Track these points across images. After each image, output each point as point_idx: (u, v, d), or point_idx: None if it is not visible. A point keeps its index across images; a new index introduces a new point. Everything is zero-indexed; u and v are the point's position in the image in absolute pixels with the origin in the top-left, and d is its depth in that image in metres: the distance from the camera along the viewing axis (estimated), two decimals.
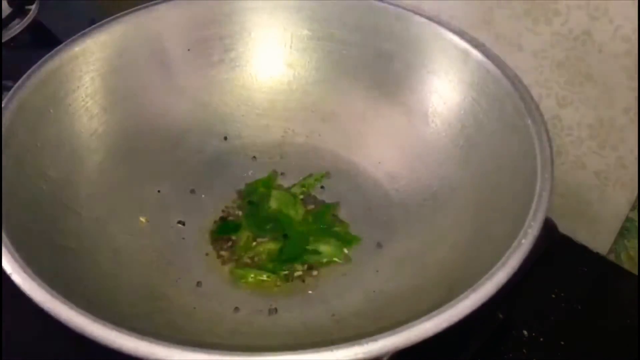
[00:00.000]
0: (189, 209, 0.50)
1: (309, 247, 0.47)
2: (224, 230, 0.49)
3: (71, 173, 0.46)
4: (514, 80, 0.46)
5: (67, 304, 0.32)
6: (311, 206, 0.51)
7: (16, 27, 0.69)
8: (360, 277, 0.46)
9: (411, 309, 0.36)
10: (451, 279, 0.41)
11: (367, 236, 0.48)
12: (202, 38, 0.54)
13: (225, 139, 0.54)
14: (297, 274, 0.46)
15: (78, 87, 0.48)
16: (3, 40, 0.67)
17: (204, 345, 0.31)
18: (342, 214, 0.50)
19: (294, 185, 0.52)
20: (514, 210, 0.39)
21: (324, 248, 0.47)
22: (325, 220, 0.49)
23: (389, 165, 0.52)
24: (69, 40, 0.48)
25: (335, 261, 0.47)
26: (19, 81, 0.45)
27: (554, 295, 0.52)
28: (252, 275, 0.46)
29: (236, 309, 0.43)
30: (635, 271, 0.55)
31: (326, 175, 0.52)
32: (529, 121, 0.43)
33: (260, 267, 0.46)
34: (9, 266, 0.34)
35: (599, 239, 0.56)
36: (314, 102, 0.55)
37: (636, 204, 0.53)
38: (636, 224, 0.54)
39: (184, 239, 0.48)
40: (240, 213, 0.50)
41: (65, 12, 0.73)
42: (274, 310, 0.43)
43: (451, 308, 0.32)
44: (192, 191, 0.51)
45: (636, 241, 0.54)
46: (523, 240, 0.36)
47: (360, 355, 0.30)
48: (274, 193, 0.51)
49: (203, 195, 0.51)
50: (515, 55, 0.53)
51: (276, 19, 0.54)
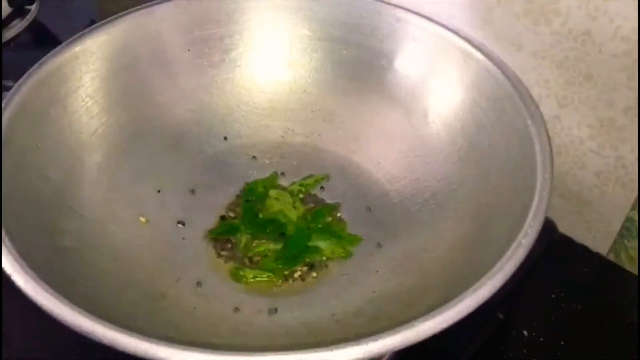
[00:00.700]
0: (189, 209, 0.50)
1: (310, 244, 0.47)
2: (223, 230, 0.49)
3: (71, 173, 0.46)
4: (514, 80, 0.46)
5: (67, 304, 0.32)
6: (311, 205, 0.51)
7: (16, 27, 0.69)
8: (360, 277, 0.46)
9: (411, 309, 0.36)
10: (451, 279, 0.41)
11: (367, 236, 0.48)
12: (202, 38, 0.54)
13: (225, 139, 0.54)
14: (297, 274, 0.46)
15: (78, 87, 0.48)
16: (3, 40, 0.67)
17: (204, 345, 0.31)
18: (342, 214, 0.50)
19: (294, 184, 0.52)
20: (514, 210, 0.39)
21: (324, 245, 0.47)
22: (324, 220, 0.49)
23: (389, 165, 0.52)
24: (69, 40, 0.48)
25: (335, 258, 0.47)
26: (19, 81, 0.45)
27: (554, 295, 0.52)
28: (252, 276, 0.46)
29: (236, 309, 0.43)
30: (635, 271, 0.55)
31: (326, 177, 0.52)
32: (529, 121, 0.43)
33: (260, 268, 0.46)
34: (9, 266, 0.34)
35: (599, 239, 0.56)
36: (314, 102, 0.55)
37: (636, 204, 0.53)
38: (636, 224, 0.54)
39: (184, 239, 0.48)
40: (240, 213, 0.50)
41: (65, 12, 0.73)
42: (274, 310, 0.43)
43: (451, 308, 0.32)
44: (192, 191, 0.51)
45: (636, 241, 0.54)
46: (523, 240, 0.36)
47: (360, 355, 0.31)
48: (272, 192, 0.51)
49: (203, 195, 0.51)
50: (515, 55, 0.53)
51: (276, 19, 0.54)
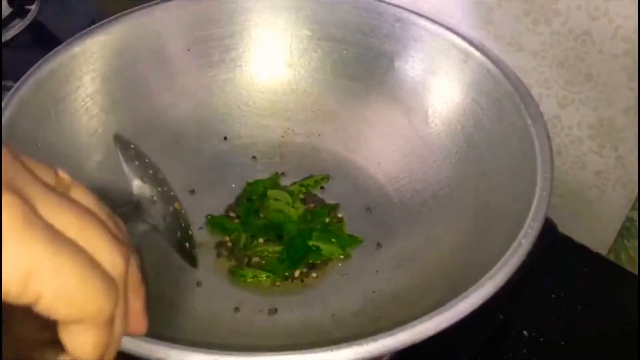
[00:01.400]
0: (189, 209, 0.50)
1: (311, 243, 0.47)
2: (221, 228, 0.49)
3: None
4: (514, 80, 0.46)
5: None
6: (311, 205, 0.51)
7: (16, 27, 0.69)
8: (360, 277, 0.46)
9: (411, 309, 0.36)
10: (451, 279, 0.41)
11: (367, 236, 0.48)
12: (202, 38, 0.54)
13: (225, 139, 0.54)
14: (297, 274, 0.46)
15: (78, 87, 0.48)
16: (3, 40, 0.67)
17: (204, 345, 0.31)
18: (342, 214, 0.50)
19: (294, 184, 0.52)
20: (514, 210, 0.39)
21: (323, 246, 0.47)
22: (323, 220, 0.49)
23: (389, 165, 0.52)
24: (69, 40, 0.48)
25: (335, 258, 0.47)
26: (19, 81, 0.45)
27: (554, 295, 0.52)
28: (251, 275, 0.46)
29: (236, 309, 0.43)
30: (635, 271, 0.55)
31: (326, 177, 0.52)
32: (529, 121, 0.43)
33: (261, 268, 0.46)
34: None
35: (599, 239, 0.56)
36: (314, 102, 0.55)
37: (636, 204, 0.53)
38: (636, 224, 0.54)
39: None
40: (240, 213, 0.50)
41: (65, 12, 0.73)
42: (274, 310, 0.43)
43: (451, 308, 0.32)
44: (192, 191, 0.51)
45: (636, 241, 0.54)
46: (523, 240, 0.36)
47: (360, 355, 0.31)
48: (272, 192, 0.50)
49: (203, 195, 0.51)
50: (515, 55, 0.53)
51: (276, 19, 0.54)
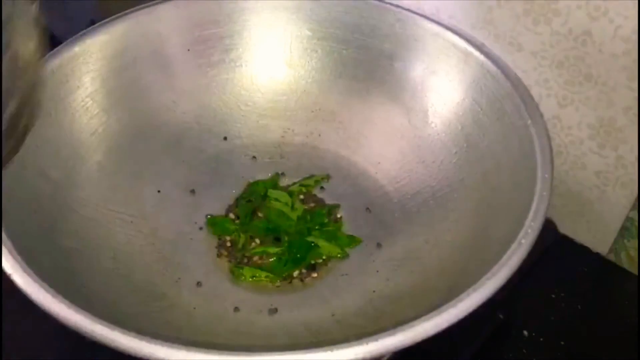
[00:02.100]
0: (189, 209, 0.50)
1: (310, 241, 0.47)
2: (221, 229, 0.49)
3: (71, 173, 0.46)
4: (514, 80, 0.46)
5: (67, 304, 0.32)
6: (311, 205, 0.51)
7: None
8: (360, 277, 0.46)
9: (411, 309, 0.36)
10: (451, 279, 0.41)
11: (367, 236, 0.48)
12: (202, 38, 0.54)
13: (225, 139, 0.54)
14: (297, 273, 0.46)
15: (78, 87, 0.48)
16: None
17: (204, 345, 0.31)
18: (342, 213, 0.50)
19: (294, 184, 0.52)
20: (514, 210, 0.39)
21: (323, 244, 0.47)
22: (322, 220, 0.49)
23: (389, 165, 0.52)
24: (69, 40, 0.48)
25: (335, 258, 0.47)
26: None
27: (554, 295, 0.52)
28: (250, 275, 0.46)
29: (236, 309, 0.43)
30: (635, 271, 0.55)
31: (327, 177, 0.52)
32: (529, 121, 0.43)
33: (259, 267, 0.46)
34: (10, 266, 0.34)
35: (599, 239, 0.56)
36: (314, 102, 0.55)
37: (636, 204, 0.53)
38: (636, 224, 0.54)
39: (184, 239, 0.48)
40: (239, 213, 0.50)
41: (65, 12, 0.73)
42: (274, 310, 0.43)
43: (451, 308, 0.32)
44: (192, 191, 0.51)
45: (636, 241, 0.54)
46: (523, 240, 0.36)
47: (360, 355, 0.31)
48: (272, 193, 0.51)
49: (203, 195, 0.51)
50: (515, 55, 0.53)
51: (276, 19, 0.54)
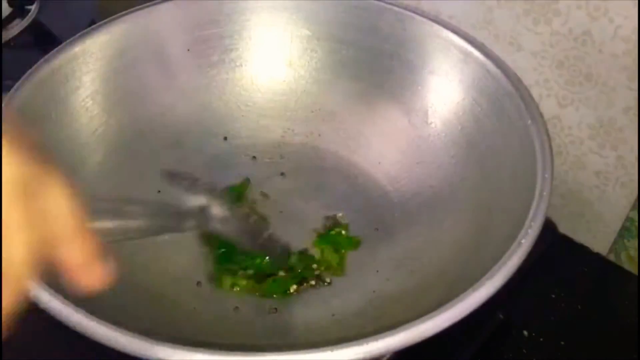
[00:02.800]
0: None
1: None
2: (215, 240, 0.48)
3: (71, 173, 0.46)
4: (514, 80, 0.46)
5: (67, 304, 0.32)
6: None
7: (16, 27, 0.69)
8: (360, 277, 0.46)
9: (411, 309, 0.36)
10: (451, 279, 0.41)
11: (367, 236, 0.48)
12: (202, 38, 0.54)
13: (225, 139, 0.54)
14: (293, 288, 0.45)
15: (78, 87, 0.48)
16: (3, 40, 0.67)
17: (204, 345, 0.31)
18: (342, 213, 0.50)
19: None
20: (514, 210, 0.39)
21: (328, 252, 0.47)
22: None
23: (389, 165, 0.52)
24: (69, 40, 0.48)
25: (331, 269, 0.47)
26: (19, 81, 0.45)
27: (554, 295, 0.52)
28: (230, 283, 0.45)
29: (236, 308, 0.43)
30: (635, 271, 0.55)
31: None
32: (529, 121, 0.43)
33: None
34: None
35: (599, 239, 0.56)
36: (314, 102, 0.55)
37: (636, 204, 0.53)
38: (636, 224, 0.54)
39: (184, 239, 0.48)
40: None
41: (65, 12, 0.73)
42: (274, 310, 0.43)
43: (451, 308, 0.32)
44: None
45: (636, 241, 0.54)
46: (523, 240, 0.36)
47: (360, 355, 0.31)
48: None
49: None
50: (515, 55, 0.53)
51: (276, 19, 0.54)
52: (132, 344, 0.30)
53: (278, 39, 0.55)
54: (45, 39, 0.69)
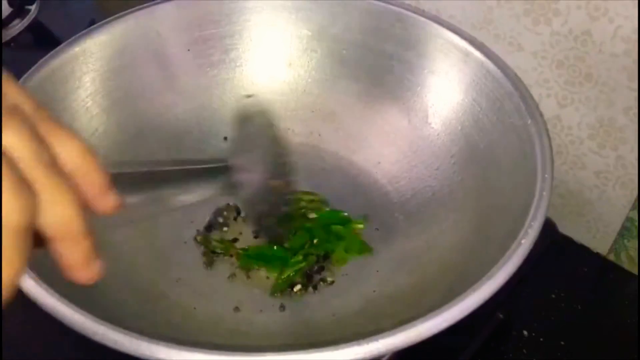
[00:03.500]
0: (189, 209, 0.50)
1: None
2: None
3: None
4: (514, 80, 0.46)
5: (67, 304, 0.32)
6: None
7: (16, 27, 0.69)
8: (360, 277, 0.46)
9: (411, 309, 0.36)
10: (451, 279, 0.41)
11: (367, 236, 0.48)
12: (202, 38, 0.54)
13: (225, 139, 0.54)
14: (297, 288, 0.46)
15: (78, 87, 0.48)
16: (3, 40, 0.67)
17: (204, 345, 0.31)
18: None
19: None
20: (514, 210, 0.39)
21: (339, 251, 0.47)
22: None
23: (389, 165, 0.52)
24: (69, 40, 0.48)
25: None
26: (19, 81, 0.44)
27: (554, 295, 0.52)
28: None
29: (236, 308, 0.43)
30: (635, 271, 0.55)
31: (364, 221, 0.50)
32: (529, 121, 0.43)
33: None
34: None
35: (599, 239, 0.56)
36: (314, 102, 0.55)
37: (636, 204, 0.53)
38: (636, 224, 0.54)
39: (183, 239, 0.48)
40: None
41: (65, 12, 0.73)
42: (274, 310, 0.43)
43: (451, 308, 0.32)
44: None
45: (636, 241, 0.54)
46: (523, 240, 0.36)
47: (361, 355, 0.31)
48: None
49: None
50: (515, 55, 0.53)
51: (276, 19, 0.54)
52: (132, 344, 0.30)
53: (278, 39, 0.55)
54: (45, 39, 0.69)
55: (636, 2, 0.46)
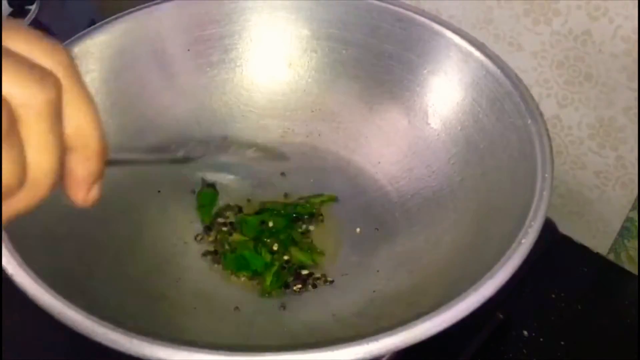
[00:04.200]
0: (189, 209, 0.50)
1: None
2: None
3: None
4: (514, 80, 0.46)
5: (68, 304, 0.32)
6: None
7: None
8: (361, 277, 0.46)
9: (411, 309, 0.36)
10: (451, 279, 0.41)
11: (367, 236, 0.48)
12: (202, 38, 0.54)
13: (225, 139, 0.54)
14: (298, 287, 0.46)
15: None
16: None
17: (204, 345, 0.31)
18: (342, 213, 0.50)
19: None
20: (514, 210, 0.39)
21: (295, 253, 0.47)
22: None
23: (389, 165, 0.52)
24: (69, 40, 0.48)
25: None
26: None
27: (554, 295, 0.52)
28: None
29: (236, 308, 0.43)
30: (635, 271, 0.55)
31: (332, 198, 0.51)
32: (529, 121, 0.43)
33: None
34: (10, 266, 0.34)
35: (599, 239, 0.56)
36: (314, 102, 0.55)
37: (636, 204, 0.53)
38: (636, 224, 0.54)
39: (184, 239, 0.48)
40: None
41: (65, 12, 0.73)
42: (274, 310, 0.43)
43: (451, 308, 0.32)
44: (192, 191, 0.51)
45: (636, 241, 0.54)
46: (523, 240, 0.36)
47: (361, 355, 0.31)
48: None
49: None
50: (515, 55, 0.53)
51: (276, 19, 0.54)
52: (132, 344, 0.30)
53: (278, 39, 0.55)
54: None
55: (636, 2, 0.46)
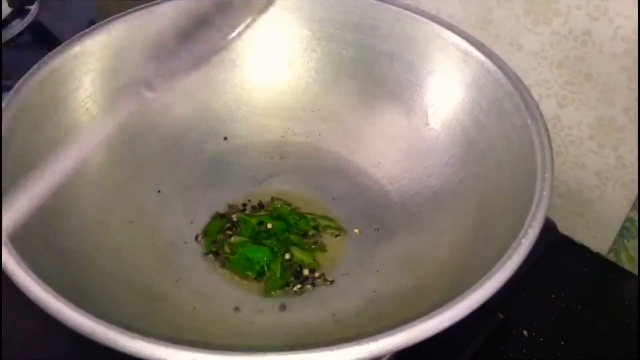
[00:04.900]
0: (189, 209, 0.50)
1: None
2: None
3: (71, 173, 0.46)
4: (514, 80, 0.46)
5: (67, 304, 0.32)
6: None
7: (16, 27, 0.69)
8: (360, 277, 0.46)
9: (411, 309, 0.36)
10: (451, 279, 0.41)
11: (368, 236, 0.48)
12: None
13: (225, 139, 0.54)
14: (298, 287, 0.46)
15: (78, 88, 0.48)
16: (3, 40, 0.67)
17: (204, 345, 0.31)
18: (342, 213, 0.50)
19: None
20: (514, 210, 0.39)
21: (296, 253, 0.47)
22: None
23: (389, 165, 0.52)
24: (69, 40, 0.48)
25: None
26: (19, 81, 0.45)
27: (554, 295, 0.52)
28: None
29: (236, 308, 0.43)
30: (635, 271, 0.55)
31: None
32: (529, 121, 0.43)
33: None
34: (10, 266, 0.34)
35: (599, 239, 0.56)
36: (314, 102, 0.55)
37: (636, 204, 0.53)
38: (636, 224, 0.54)
39: (184, 239, 0.48)
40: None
41: (65, 12, 0.73)
42: (274, 310, 0.43)
43: (451, 308, 0.32)
44: (192, 191, 0.51)
45: (636, 241, 0.54)
46: (523, 240, 0.36)
47: (361, 355, 0.31)
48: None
49: (203, 195, 0.51)
50: (515, 55, 0.53)
51: (276, 19, 0.54)
52: (132, 344, 0.30)
53: (278, 39, 0.55)
54: (45, 39, 0.69)
55: (636, 2, 0.46)
